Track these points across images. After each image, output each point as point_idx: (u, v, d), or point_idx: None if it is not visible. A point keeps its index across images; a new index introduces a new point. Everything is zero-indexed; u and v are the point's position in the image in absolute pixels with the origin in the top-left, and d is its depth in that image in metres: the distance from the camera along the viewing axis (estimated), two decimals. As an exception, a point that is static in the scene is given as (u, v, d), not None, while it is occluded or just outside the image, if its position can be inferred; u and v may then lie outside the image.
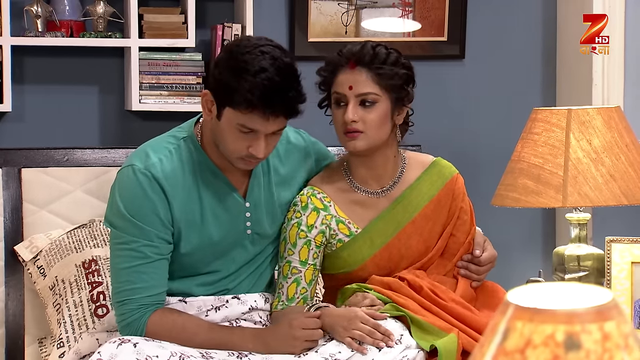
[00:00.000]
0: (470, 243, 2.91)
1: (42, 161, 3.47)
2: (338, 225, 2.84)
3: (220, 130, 2.60)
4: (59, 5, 3.69)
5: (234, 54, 2.57)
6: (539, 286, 1.22)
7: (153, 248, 2.63)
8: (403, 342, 2.64)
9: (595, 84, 4.00)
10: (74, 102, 3.81)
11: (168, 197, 2.63)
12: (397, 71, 2.78)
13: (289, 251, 2.82)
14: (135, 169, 2.63)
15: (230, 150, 2.61)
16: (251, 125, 2.55)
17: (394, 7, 4.05)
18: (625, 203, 3.41)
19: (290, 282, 2.81)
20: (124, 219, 2.63)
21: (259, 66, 2.53)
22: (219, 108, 2.59)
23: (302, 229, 2.82)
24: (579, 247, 3.54)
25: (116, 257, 2.67)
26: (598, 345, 1.13)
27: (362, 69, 2.76)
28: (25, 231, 3.42)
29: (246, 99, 2.52)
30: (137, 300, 2.64)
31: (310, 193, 2.85)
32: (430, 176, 2.90)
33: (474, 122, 4.12)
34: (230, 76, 2.55)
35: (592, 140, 3.43)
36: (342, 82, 2.78)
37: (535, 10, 4.20)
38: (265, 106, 2.52)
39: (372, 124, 2.77)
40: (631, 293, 3.42)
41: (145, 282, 2.64)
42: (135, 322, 2.64)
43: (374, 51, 2.77)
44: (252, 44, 2.58)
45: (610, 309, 1.14)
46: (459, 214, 2.90)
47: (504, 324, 1.17)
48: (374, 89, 2.76)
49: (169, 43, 3.71)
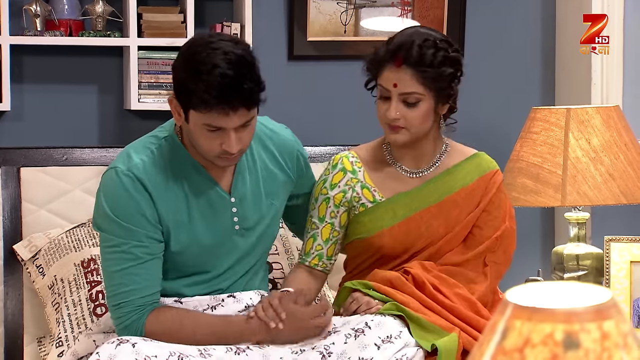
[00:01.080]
0: (497, 239, 2.90)
1: (41, 160, 3.47)
2: (362, 191, 2.89)
3: (192, 133, 2.60)
4: (58, 5, 3.69)
5: (187, 56, 2.57)
6: (538, 285, 1.22)
7: (143, 248, 2.63)
8: (402, 338, 2.64)
9: (594, 83, 4.00)
10: (73, 101, 3.81)
11: (152, 196, 2.63)
12: (443, 71, 2.78)
13: (312, 205, 2.92)
14: (118, 171, 2.63)
15: (205, 151, 2.61)
16: (216, 124, 2.54)
17: (393, 6, 4.05)
18: (624, 202, 3.41)
19: (309, 237, 2.90)
20: (111, 222, 2.62)
21: (211, 64, 2.50)
22: (185, 111, 2.58)
23: (325, 185, 2.90)
24: (577, 247, 3.54)
25: (107, 261, 2.67)
26: (597, 344, 1.13)
27: (407, 68, 2.77)
28: (24, 230, 3.42)
29: (203, 99, 2.50)
30: (132, 302, 2.64)
31: (344, 154, 2.94)
32: (469, 165, 2.92)
33: (473, 120, 4.12)
34: (187, 79, 2.54)
35: (591, 139, 3.43)
36: (388, 78, 2.79)
37: (534, 9, 4.20)
38: (223, 102, 2.50)
39: (414, 122, 2.80)
40: (630, 292, 3.42)
41: (138, 284, 2.64)
42: (133, 325, 2.64)
43: (421, 51, 2.75)
44: (204, 42, 2.56)
45: (609, 308, 1.14)
46: (488, 208, 2.90)
47: (502, 323, 1.17)
48: (418, 89, 2.77)
49: (168, 42, 3.71)
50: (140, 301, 2.64)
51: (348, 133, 3.86)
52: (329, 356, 2.60)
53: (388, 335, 2.64)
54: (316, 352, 2.61)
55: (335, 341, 2.63)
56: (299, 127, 2.89)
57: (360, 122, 3.81)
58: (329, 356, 2.60)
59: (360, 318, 2.69)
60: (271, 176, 2.82)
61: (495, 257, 2.90)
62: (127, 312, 2.64)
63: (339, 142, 3.71)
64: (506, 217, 2.94)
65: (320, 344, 2.63)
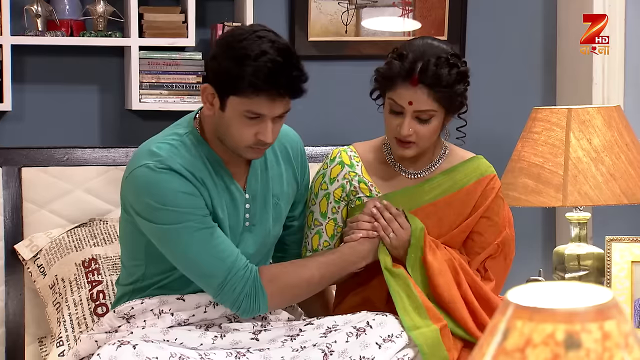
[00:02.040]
0: (499, 245, 2.91)
1: (42, 160, 3.47)
2: (360, 185, 2.91)
3: (225, 122, 2.60)
4: (59, 5, 3.69)
5: (231, 43, 2.57)
6: (539, 285, 1.22)
7: (207, 219, 2.62)
8: (404, 338, 2.65)
9: (596, 83, 4.00)
10: (74, 101, 3.81)
11: (190, 181, 2.63)
12: (458, 89, 2.80)
13: (312, 201, 2.93)
14: (151, 166, 2.60)
15: (238, 141, 2.61)
16: (258, 110, 2.55)
17: (394, 6, 4.05)
18: (625, 202, 3.41)
19: (313, 233, 2.92)
20: (167, 213, 2.59)
21: (260, 50, 2.53)
22: (222, 99, 2.58)
23: (324, 180, 2.92)
24: (579, 247, 3.54)
25: (188, 245, 2.61)
26: (598, 344, 1.13)
27: (424, 87, 2.76)
28: (25, 230, 3.42)
29: (251, 83, 2.52)
30: (236, 267, 2.62)
31: (343, 149, 2.96)
32: (466, 168, 2.93)
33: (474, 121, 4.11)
34: (232, 65, 2.54)
35: (592, 139, 3.43)
36: (402, 95, 2.78)
37: (535, 9, 4.20)
38: (272, 87, 2.52)
39: (425, 137, 2.82)
40: (631, 292, 3.42)
41: (228, 246, 2.64)
42: (251, 288, 2.64)
43: (437, 71, 2.75)
44: (247, 31, 2.59)
45: (610, 308, 1.14)
46: (488, 214, 2.90)
47: (504, 323, 1.17)
48: (433, 107, 2.78)
49: (169, 42, 3.71)
50: (243, 260, 2.64)
51: (349, 133, 3.86)
52: (331, 355, 2.61)
53: (389, 334, 2.65)
54: (317, 350, 2.61)
55: (336, 339, 2.63)
56: (300, 126, 2.89)
57: (361, 122, 3.82)
58: (331, 355, 2.61)
59: (362, 317, 2.70)
60: (279, 175, 2.83)
61: (495, 264, 2.90)
62: (240, 277, 2.63)
63: (340, 142, 3.70)
64: (506, 223, 2.94)
65: (321, 342, 2.63)
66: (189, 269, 2.66)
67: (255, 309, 2.66)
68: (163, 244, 2.65)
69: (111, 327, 2.76)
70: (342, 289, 2.97)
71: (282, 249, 2.97)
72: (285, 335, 2.70)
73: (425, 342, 2.65)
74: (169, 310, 2.72)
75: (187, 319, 2.73)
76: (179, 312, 2.72)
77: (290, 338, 2.69)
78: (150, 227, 2.63)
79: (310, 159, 3.55)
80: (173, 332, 2.68)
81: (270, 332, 2.71)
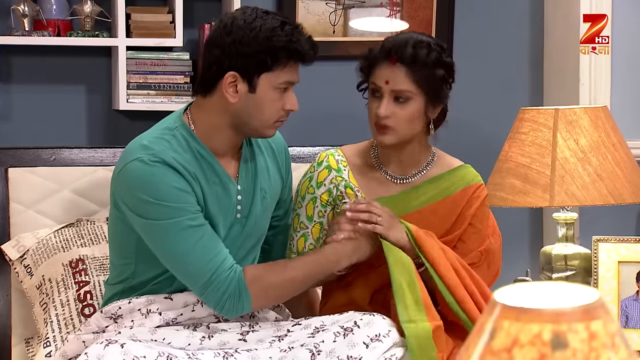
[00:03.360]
0: (482, 253, 2.91)
1: (29, 160, 3.46)
2: (346, 190, 2.91)
3: (256, 103, 2.65)
4: (46, 5, 3.68)
5: (245, 29, 2.63)
6: (526, 285, 1.22)
7: (197, 216, 2.63)
8: (391, 337, 2.64)
9: (583, 84, 4.01)
10: (62, 102, 3.80)
11: (183, 176, 2.64)
12: (436, 72, 2.81)
13: (298, 204, 2.94)
14: (145, 159, 2.61)
15: (269, 117, 2.67)
16: (291, 79, 2.67)
17: (381, 6, 4.05)
18: (612, 202, 3.42)
19: (299, 236, 2.92)
20: (159, 208, 2.60)
21: (279, 21, 2.63)
22: (252, 81, 2.63)
23: (311, 184, 2.93)
24: (566, 247, 3.55)
25: (175, 243, 2.62)
26: (585, 344, 1.13)
27: (401, 66, 2.80)
28: (12, 231, 3.41)
29: (289, 51, 2.62)
30: (222, 267, 2.63)
31: (330, 152, 2.97)
32: (453, 177, 2.93)
33: (461, 121, 4.12)
34: (261, 42, 2.61)
35: (579, 139, 3.44)
36: (380, 75, 2.82)
37: (522, 10, 4.21)
38: (304, 51, 2.64)
39: (403, 120, 2.82)
40: (618, 292, 3.43)
41: (215, 246, 2.64)
42: (235, 288, 2.64)
43: (415, 50, 2.79)
44: (250, 12, 2.66)
45: (596, 308, 1.15)
46: (473, 221, 2.90)
47: (490, 324, 1.17)
48: (410, 87, 2.80)
49: (156, 42, 3.70)
50: (229, 261, 2.65)
51: (336, 133, 3.86)
52: (318, 354, 2.61)
53: (377, 334, 2.65)
54: (305, 350, 2.61)
55: (324, 339, 2.63)
56: (287, 127, 2.89)
57: (349, 123, 3.81)
58: (318, 354, 2.61)
59: (349, 317, 2.70)
60: (265, 168, 2.84)
61: (479, 272, 2.89)
62: (224, 278, 2.63)
63: (327, 142, 3.71)
64: (490, 232, 2.95)
65: (309, 342, 2.64)
66: (175, 266, 2.67)
67: (239, 309, 2.67)
68: (151, 240, 2.65)
69: (99, 328, 2.76)
70: (327, 289, 2.97)
71: (266, 250, 2.97)
72: (273, 335, 2.70)
73: (417, 338, 2.64)
74: (156, 309, 2.72)
75: (175, 318, 2.72)
76: (167, 312, 2.72)
77: (278, 338, 2.69)
78: (140, 222, 2.64)
79: (297, 159, 3.56)
80: (161, 332, 2.68)
81: (258, 332, 2.71)
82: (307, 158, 3.60)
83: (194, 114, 2.73)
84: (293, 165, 3.03)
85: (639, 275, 3.44)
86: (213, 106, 2.69)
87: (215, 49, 2.66)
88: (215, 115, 2.69)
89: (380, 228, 2.76)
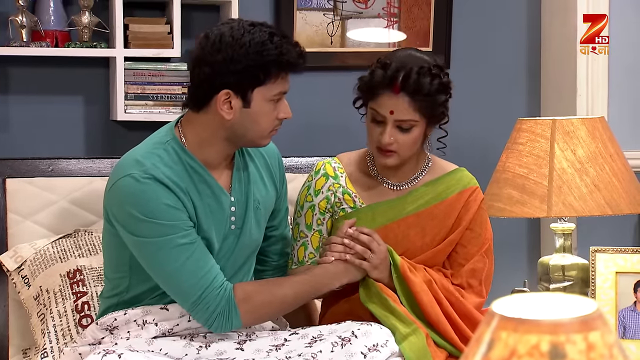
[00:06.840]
0: (483, 256, 2.93)
1: (26, 171, 3.46)
2: (344, 196, 2.93)
3: (252, 117, 2.65)
4: (44, 16, 3.69)
5: (234, 46, 2.61)
6: (524, 296, 1.22)
7: (188, 233, 2.62)
8: (389, 347, 2.65)
9: (580, 95, 4.02)
10: (59, 112, 3.80)
11: (175, 193, 2.63)
12: (439, 99, 2.82)
13: (298, 213, 2.96)
14: (136, 176, 2.61)
15: (264, 129, 2.68)
16: (283, 89, 2.67)
17: (379, 17, 4.05)
18: (609, 213, 3.42)
19: (299, 245, 2.94)
20: (149, 225, 2.59)
21: (266, 34, 2.63)
22: (246, 96, 2.63)
23: (309, 192, 2.95)
24: (563, 257, 3.55)
25: (166, 261, 2.61)
26: (582, 355, 1.13)
27: (405, 96, 2.79)
28: (10, 241, 3.41)
29: (280, 64, 2.62)
30: (212, 285, 2.63)
31: (327, 161, 2.99)
32: (449, 180, 2.95)
33: (459, 131, 4.13)
34: (252, 58, 2.60)
35: (576, 150, 3.44)
36: (384, 104, 2.81)
37: (520, 21, 4.22)
38: (299, 58, 2.65)
39: (406, 146, 2.84)
40: (615, 303, 3.43)
41: (209, 263, 2.64)
42: (225, 307, 2.64)
43: (419, 80, 2.78)
44: (236, 27, 2.64)
45: (594, 319, 1.15)
46: (471, 225, 2.92)
47: (488, 335, 1.17)
48: (414, 116, 2.81)
49: (154, 53, 3.71)
50: (220, 279, 2.65)
51: (333, 144, 3.87)
52: (316, 365, 2.61)
53: (374, 343, 2.65)
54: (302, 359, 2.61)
55: (322, 349, 2.63)
56: (284, 137, 2.90)
57: (346, 133, 3.82)
58: (316, 365, 2.61)
59: (347, 326, 2.70)
60: (259, 179, 2.84)
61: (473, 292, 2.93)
62: (214, 296, 2.63)
63: (325, 152, 3.71)
64: (490, 235, 2.96)
65: (306, 352, 2.63)
66: (166, 283, 2.67)
67: (228, 326, 2.67)
68: (142, 256, 2.65)
69: (94, 339, 2.75)
70: (327, 299, 2.98)
71: (263, 260, 2.97)
72: (271, 345, 2.70)
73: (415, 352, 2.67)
74: (152, 320, 2.72)
75: (172, 328, 2.72)
76: (163, 322, 2.72)
77: (276, 348, 2.69)
78: (131, 239, 2.63)
79: (295, 169, 3.56)
80: (158, 343, 2.67)
81: (256, 342, 2.71)
82: (305, 168, 3.60)
83: (185, 128, 2.72)
84: (291, 175, 3.04)
85: (636, 285, 3.44)
86: (207, 122, 2.69)
87: (205, 67, 2.63)
88: (208, 130, 2.69)
89: (366, 265, 2.81)
